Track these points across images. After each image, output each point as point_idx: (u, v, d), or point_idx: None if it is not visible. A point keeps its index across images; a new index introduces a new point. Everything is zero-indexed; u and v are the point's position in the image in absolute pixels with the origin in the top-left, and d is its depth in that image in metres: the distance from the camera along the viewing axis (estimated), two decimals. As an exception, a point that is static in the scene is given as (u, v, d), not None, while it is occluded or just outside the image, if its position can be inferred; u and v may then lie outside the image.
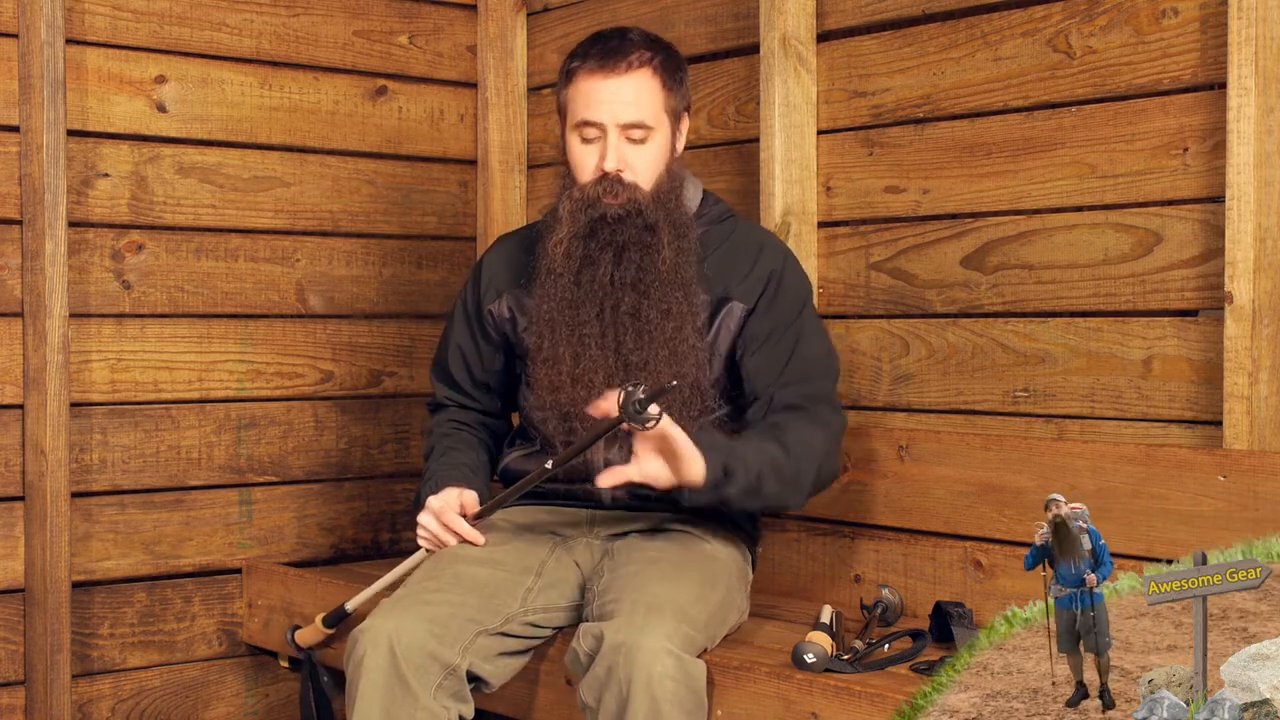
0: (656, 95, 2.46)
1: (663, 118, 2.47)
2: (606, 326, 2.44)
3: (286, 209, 3.24)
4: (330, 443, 3.32)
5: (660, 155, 2.48)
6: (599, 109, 2.43)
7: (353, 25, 3.33)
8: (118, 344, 3.04)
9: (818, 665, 2.21)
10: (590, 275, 2.44)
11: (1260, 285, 2.29)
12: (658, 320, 2.43)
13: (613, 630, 2.16)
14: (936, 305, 2.78)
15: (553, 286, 2.47)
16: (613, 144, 2.43)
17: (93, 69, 3.00)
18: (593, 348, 2.44)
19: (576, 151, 2.47)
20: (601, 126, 2.43)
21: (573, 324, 2.45)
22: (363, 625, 2.28)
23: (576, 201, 2.46)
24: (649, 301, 2.43)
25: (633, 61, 2.44)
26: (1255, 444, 2.30)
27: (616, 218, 2.44)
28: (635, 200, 2.44)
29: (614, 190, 2.44)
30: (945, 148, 2.76)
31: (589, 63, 2.46)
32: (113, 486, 3.05)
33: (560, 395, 2.45)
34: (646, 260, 2.44)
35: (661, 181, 2.47)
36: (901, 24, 2.82)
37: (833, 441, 2.47)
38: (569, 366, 2.44)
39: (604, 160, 2.43)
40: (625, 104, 2.43)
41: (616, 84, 2.43)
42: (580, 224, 2.45)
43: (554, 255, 2.47)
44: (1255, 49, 2.28)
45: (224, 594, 3.19)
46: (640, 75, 2.45)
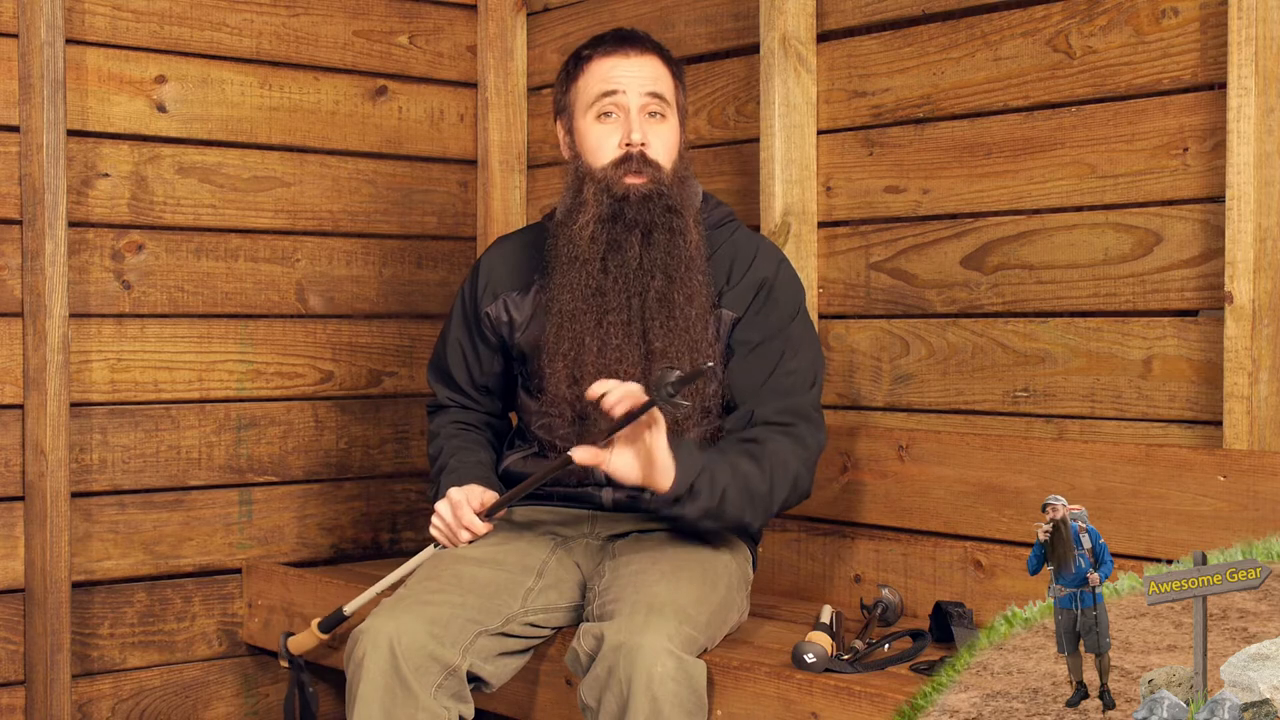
0: (670, 81, 2.49)
1: (675, 105, 2.48)
2: (634, 314, 2.40)
3: (286, 209, 3.24)
4: (330, 443, 3.31)
5: (676, 139, 2.48)
6: (620, 80, 2.43)
7: (353, 25, 3.33)
8: (118, 344, 3.04)
9: (818, 665, 2.21)
10: (619, 260, 2.41)
11: (1260, 285, 2.30)
12: (683, 305, 2.40)
13: (613, 630, 2.16)
14: (936, 305, 2.78)
15: (577, 275, 2.42)
16: (635, 116, 2.43)
17: (93, 69, 3.00)
18: (618, 337, 2.40)
19: (595, 133, 2.45)
20: (624, 97, 2.42)
21: (599, 312, 2.40)
22: (363, 626, 2.27)
23: (599, 183, 2.42)
24: (676, 286, 2.40)
25: (646, 47, 2.48)
26: (1255, 444, 2.30)
27: (641, 197, 2.40)
28: (659, 180, 2.42)
29: (638, 168, 2.41)
30: (945, 148, 2.76)
31: (603, 47, 2.47)
32: (113, 486, 3.05)
33: (582, 387, 2.38)
34: (673, 243, 2.41)
35: (678, 168, 2.47)
36: (901, 24, 2.82)
37: (809, 462, 2.44)
38: (594, 356, 2.40)
39: (628, 135, 2.42)
40: (645, 77, 2.45)
41: (636, 60, 2.46)
42: (604, 206, 2.41)
43: (579, 241, 2.42)
44: (1255, 49, 2.28)
45: (224, 594, 3.19)
46: (655, 60, 2.48)
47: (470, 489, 2.48)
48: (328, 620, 2.72)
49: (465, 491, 2.47)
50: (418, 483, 3.42)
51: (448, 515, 2.47)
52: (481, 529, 2.45)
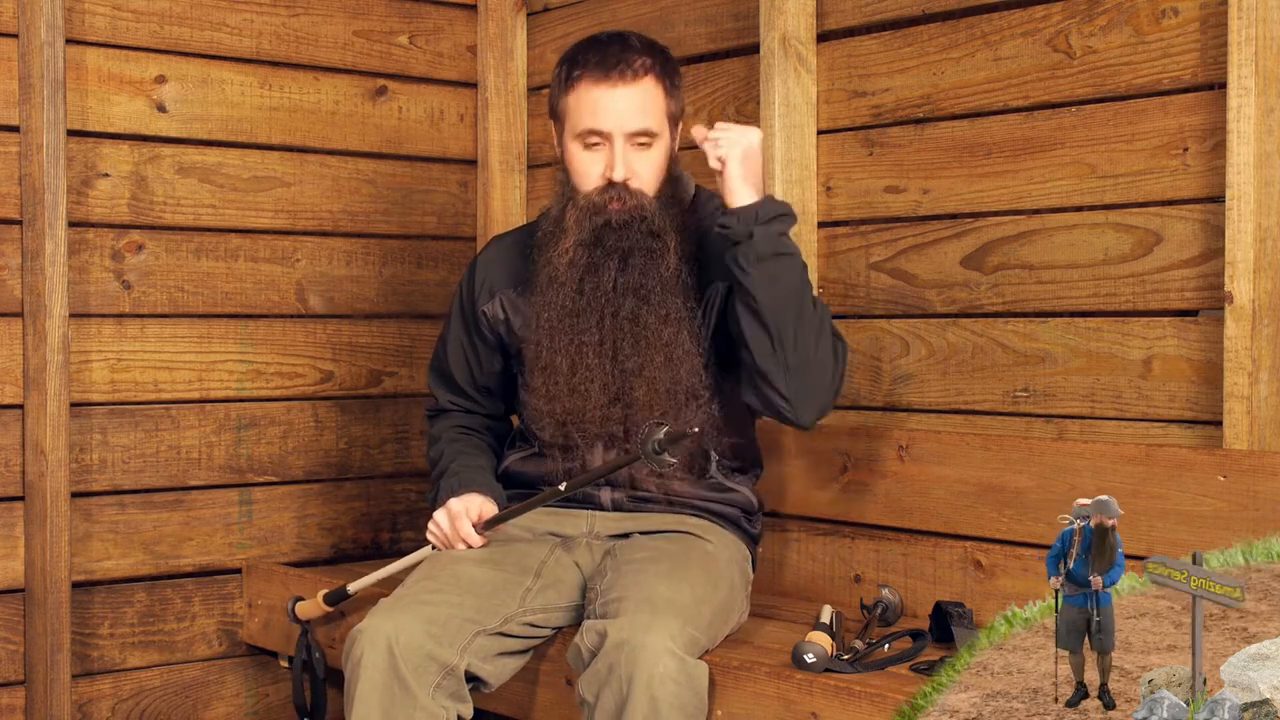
0: (660, 102, 2.46)
1: (665, 124, 2.47)
2: (605, 334, 2.44)
3: (286, 209, 3.24)
4: (330, 443, 3.32)
5: (664, 160, 2.48)
6: (605, 118, 2.42)
7: (353, 25, 3.33)
8: (118, 344, 3.04)
9: (818, 665, 2.21)
10: (594, 283, 2.44)
11: (1260, 285, 2.29)
12: (656, 326, 2.43)
13: (616, 628, 2.16)
14: (936, 305, 2.78)
15: (555, 295, 2.47)
16: (619, 153, 2.42)
17: (93, 69, 3.00)
18: (590, 356, 2.44)
19: (580, 159, 2.46)
20: (608, 135, 2.43)
21: (572, 333, 2.44)
22: (361, 625, 2.28)
23: (582, 209, 2.45)
24: (649, 307, 2.43)
25: (637, 70, 2.43)
26: (1255, 444, 2.30)
27: (622, 223, 2.43)
28: (641, 206, 2.44)
29: (620, 196, 2.43)
30: (945, 148, 2.76)
31: (591, 71, 2.43)
32: (113, 486, 3.05)
33: (557, 405, 2.46)
34: (651, 266, 2.44)
35: (664, 187, 2.47)
36: (901, 24, 2.82)
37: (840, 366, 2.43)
38: (565, 376, 2.44)
39: (610, 169, 2.43)
40: (632, 113, 2.42)
41: (623, 93, 2.42)
42: (586, 231, 2.44)
43: (558, 264, 2.46)
44: (1255, 49, 2.28)
45: (224, 594, 3.19)
46: (645, 84, 2.44)
47: (469, 499, 2.49)
48: (333, 594, 2.78)
49: (464, 502, 2.48)
50: (418, 483, 3.42)
51: (445, 526, 2.48)
52: (477, 542, 2.47)
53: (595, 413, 2.45)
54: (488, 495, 2.51)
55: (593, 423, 2.45)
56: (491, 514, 2.48)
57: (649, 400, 2.41)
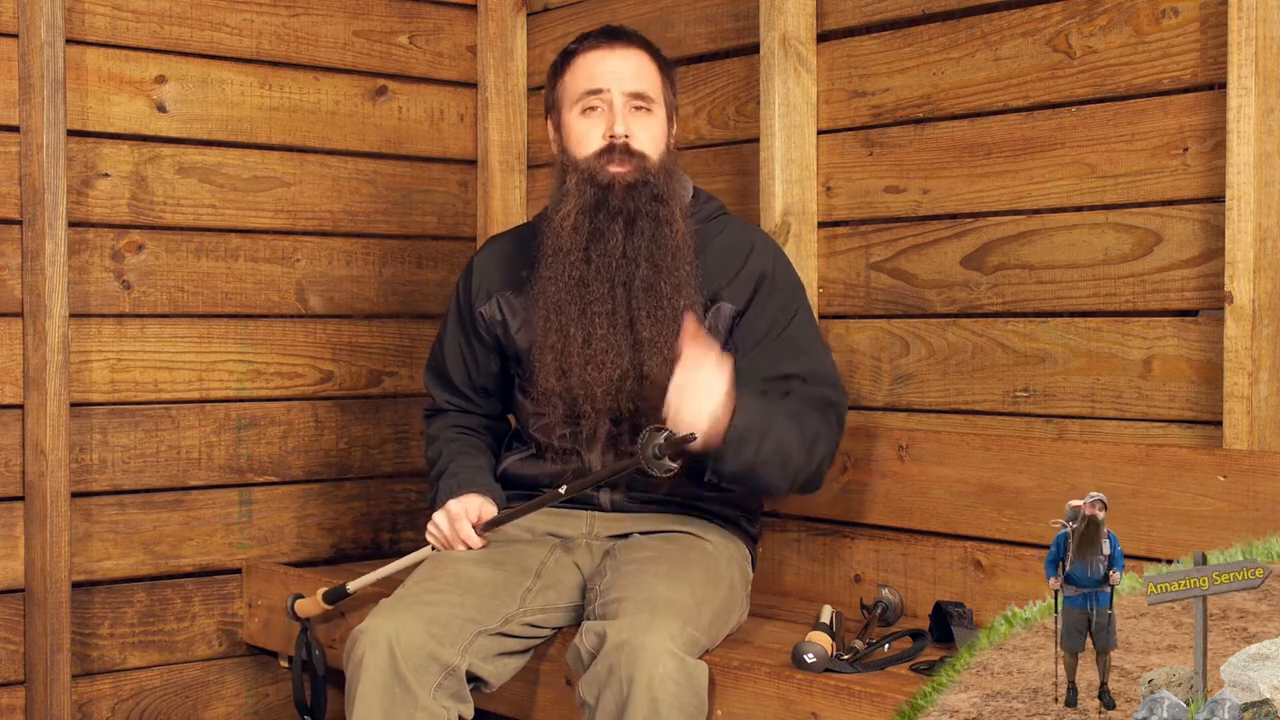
0: (656, 79, 2.49)
1: (661, 100, 2.48)
2: (619, 304, 2.40)
3: (286, 209, 3.24)
4: (330, 443, 3.32)
5: (663, 132, 2.48)
6: (604, 77, 2.43)
7: (353, 25, 3.33)
8: (118, 344, 3.04)
9: (818, 665, 2.21)
10: (601, 249, 2.40)
11: (1260, 285, 2.29)
12: (670, 294, 2.39)
13: (616, 629, 2.15)
14: (936, 305, 2.78)
15: (560, 266, 2.42)
16: (619, 110, 2.42)
17: (93, 69, 3.00)
18: (604, 326, 2.39)
19: (579, 126, 2.45)
20: (607, 94, 2.42)
21: (582, 303, 2.40)
22: (361, 626, 2.28)
23: (582, 173, 2.42)
24: (663, 275, 2.39)
25: (633, 41, 2.49)
26: (1255, 444, 2.30)
27: (626, 185, 2.40)
28: (644, 169, 2.42)
29: (621, 159, 2.41)
30: (945, 148, 2.76)
31: (589, 42, 2.48)
32: (113, 486, 3.05)
33: (571, 379, 2.40)
34: (659, 231, 2.40)
35: (665, 161, 2.46)
36: (901, 24, 2.82)
37: (834, 448, 2.47)
38: (579, 348, 2.39)
39: (611, 127, 2.41)
40: (629, 74, 2.45)
41: (621, 55, 2.45)
42: (587, 196, 2.40)
43: (561, 231, 2.42)
44: (1255, 49, 2.28)
45: (224, 594, 3.19)
46: (641, 56, 2.48)
47: (469, 501, 2.49)
48: (332, 592, 2.78)
49: (464, 503, 2.48)
50: (418, 483, 3.42)
51: (445, 527, 2.48)
52: (476, 544, 2.46)
53: (608, 386, 2.39)
54: (487, 496, 2.51)
55: (606, 397, 2.40)
56: (491, 515, 2.48)
57: (662, 375, 2.33)
